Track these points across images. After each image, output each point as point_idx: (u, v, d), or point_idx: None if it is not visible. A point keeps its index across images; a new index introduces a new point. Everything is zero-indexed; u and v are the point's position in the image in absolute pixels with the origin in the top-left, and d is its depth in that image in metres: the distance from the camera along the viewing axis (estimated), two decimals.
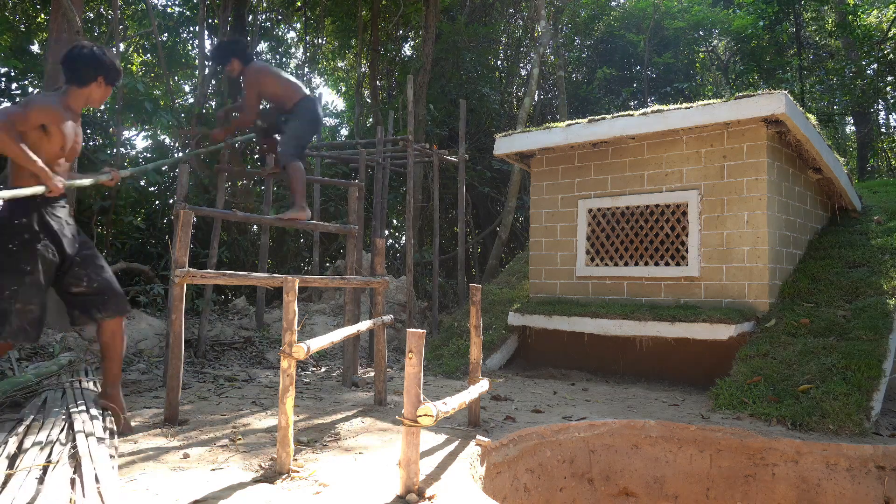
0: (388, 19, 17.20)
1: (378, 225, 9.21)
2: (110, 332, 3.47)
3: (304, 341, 2.81)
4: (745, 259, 5.61)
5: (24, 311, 3.19)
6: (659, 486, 3.95)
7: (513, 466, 3.53)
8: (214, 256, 6.32)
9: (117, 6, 9.38)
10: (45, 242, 3.27)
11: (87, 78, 3.44)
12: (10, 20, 11.51)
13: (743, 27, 14.18)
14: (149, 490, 2.50)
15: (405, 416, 2.48)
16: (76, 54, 3.43)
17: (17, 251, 3.19)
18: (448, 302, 11.91)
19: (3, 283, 3.16)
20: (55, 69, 6.17)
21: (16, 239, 3.19)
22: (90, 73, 3.44)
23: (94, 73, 3.44)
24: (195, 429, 3.57)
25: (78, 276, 3.38)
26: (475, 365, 3.66)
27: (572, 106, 15.19)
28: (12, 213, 3.22)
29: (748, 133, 5.67)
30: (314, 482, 2.69)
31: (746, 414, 4.27)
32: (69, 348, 5.91)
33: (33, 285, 3.22)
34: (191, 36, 13.95)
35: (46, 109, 3.29)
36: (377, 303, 4.60)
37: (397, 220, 15.48)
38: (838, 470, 3.68)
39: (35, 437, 2.81)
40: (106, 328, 3.46)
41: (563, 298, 6.65)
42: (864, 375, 4.34)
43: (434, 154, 9.07)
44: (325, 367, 6.69)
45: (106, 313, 3.43)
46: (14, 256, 3.18)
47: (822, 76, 14.82)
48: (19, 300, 3.17)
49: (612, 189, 6.44)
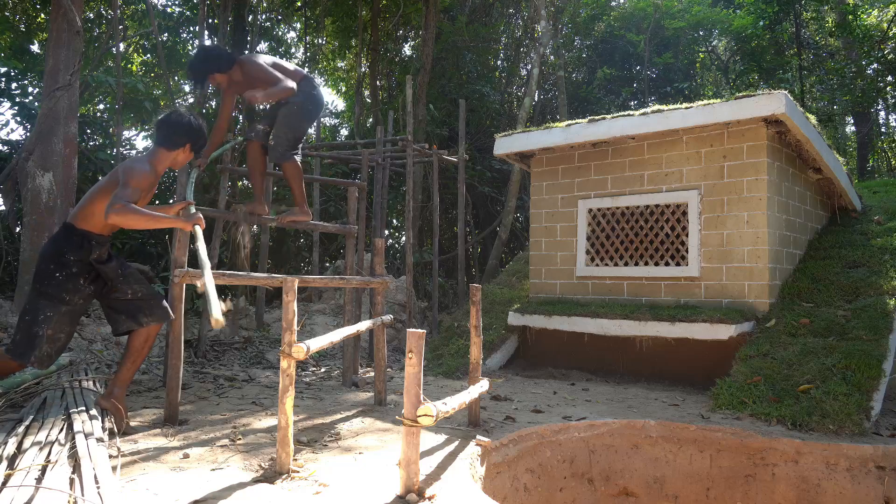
0: (388, 19, 17.20)
1: (378, 225, 9.21)
2: (144, 338, 3.60)
3: (304, 341, 2.81)
4: (745, 259, 5.61)
5: (53, 338, 3.34)
6: (659, 486, 3.94)
7: (513, 466, 3.53)
8: (215, 257, 6.32)
9: (117, 6, 9.38)
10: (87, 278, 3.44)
11: (178, 144, 3.62)
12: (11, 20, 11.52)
13: (743, 27, 14.18)
14: (149, 490, 2.50)
15: (405, 415, 2.48)
16: (173, 121, 3.62)
17: (62, 281, 3.35)
18: (448, 302, 11.91)
19: (42, 307, 3.31)
20: (54, 69, 6.18)
21: (64, 270, 3.36)
22: (181, 140, 3.63)
23: (185, 139, 3.63)
24: (195, 429, 3.56)
25: (124, 290, 3.56)
26: (475, 365, 3.66)
27: (572, 106, 15.19)
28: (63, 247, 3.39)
29: (748, 133, 5.66)
30: (314, 482, 2.69)
31: (746, 414, 4.27)
32: (69, 348, 5.91)
33: (67, 315, 3.39)
34: (191, 36, 13.96)
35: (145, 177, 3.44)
36: (376, 303, 4.60)
37: (397, 220, 15.47)
38: (838, 470, 3.67)
39: (34, 438, 2.81)
40: (141, 333, 3.59)
41: (563, 298, 6.65)
42: (864, 375, 4.34)
43: (434, 154, 9.07)
44: (325, 367, 6.69)
45: (152, 318, 3.59)
46: (58, 286, 3.34)
47: (822, 76, 14.83)
48: (52, 327, 3.32)
49: (612, 189, 6.44)
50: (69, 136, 6.26)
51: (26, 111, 8.58)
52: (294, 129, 4.58)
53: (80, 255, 3.39)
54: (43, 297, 3.32)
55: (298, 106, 4.56)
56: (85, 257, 3.41)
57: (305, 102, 4.60)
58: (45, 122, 6.14)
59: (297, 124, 4.58)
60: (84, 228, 3.42)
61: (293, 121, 4.55)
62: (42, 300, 3.31)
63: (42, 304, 3.31)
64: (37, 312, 3.30)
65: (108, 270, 3.52)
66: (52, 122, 6.14)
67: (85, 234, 3.41)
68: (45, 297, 3.32)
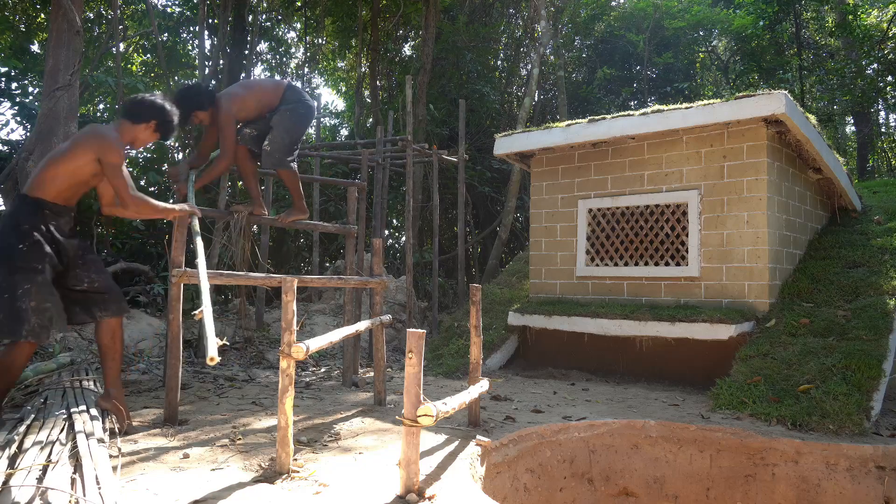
0: (388, 19, 17.20)
1: (378, 225, 9.21)
2: (110, 333, 3.54)
3: (304, 341, 2.81)
4: (745, 259, 5.61)
5: (39, 309, 3.24)
6: (659, 486, 3.95)
7: (513, 466, 3.53)
8: (215, 256, 6.32)
9: (117, 6, 9.38)
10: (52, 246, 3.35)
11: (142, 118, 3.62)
12: (11, 20, 11.52)
13: (743, 27, 14.18)
14: (149, 490, 2.50)
15: (405, 416, 2.48)
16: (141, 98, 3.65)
17: (27, 251, 3.26)
18: (448, 302, 11.91)
19: (17, 282, 3.21)
20: (54, 69, 6.18)
21: (26, 240, 3.26)
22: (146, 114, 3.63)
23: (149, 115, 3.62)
24: (195, 429, 3.57)
25: (80, 278, 3.49)
26: (475, 365, 3.66)
27: (572, 106, 15.19)
28: (18, 217, 3.32)
29: (748, 133, 5.66)
30: (314, 482, 2.69)
31: (746, 414, 4.27)
32: (69, 348, 5.91)
33: (45, 284, 3.28)
34: (191, 36, 13.98)
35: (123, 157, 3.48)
36: (375, 303, 4.60)
37: (397, 220, 15.48)
38: (838, 470, 3.67)
39: (35, 437, 2.81)
40: (105, 328, 3.53)
41: (563, 298, 6.65)
42: (864, 375, 4.34)
43: (434, 154, 9.07)
44: (324, 367, 6.69)
45: (106, 312, 3.52)
46: (25, 256, 3.25)
47: (822, 76, 14.83)
48: (34, 298, 3.22)
49: (612, 189, 6.44)
50: (69, 136, 6.25)
51: (26, 111, 8.58)
52: (289, 134, 4.61)
53: (34, 221, 3.31)
54: (14, 272, 3.22)
55: (290, 111, 4.61)
56: (39, 224, 3.31)
57: (297, 107, 4.65)
58: (46, 122, 6.14)
59: (291, 129, 4.63)
60: (37, 196, 3.34)
61: (287, 126, 4.59)
62: (15, 275, 3.22)
63: (16, 278, 3.22)
64: (14, 288, 3.20)
65: (68, 246, 3.44)
66: (52, 122, 6.13)
67: (37, 202, 3.34)
68: (17, 271, 3.23)
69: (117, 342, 3.57)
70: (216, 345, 2.69)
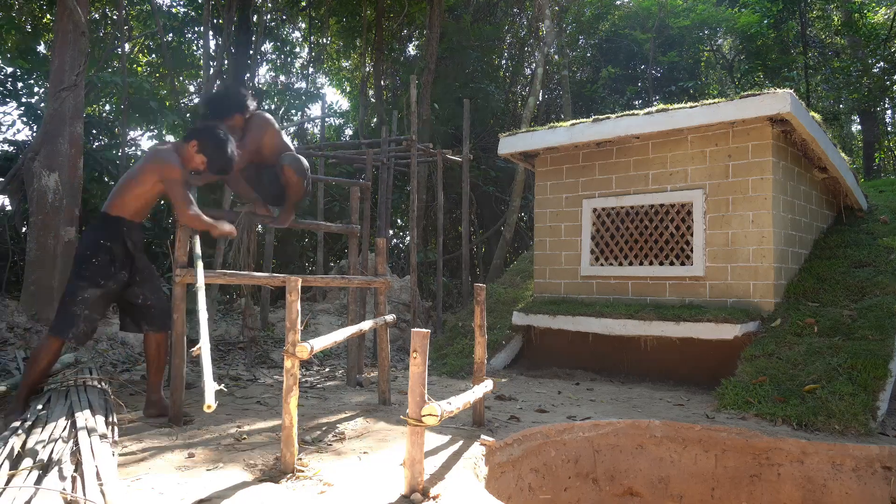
0: (392, 19, 17.20)
1: (382, 225, 9.21)
2: (156, 345, 3.94)
3: (308, 341, 2.81)
4: (751, 258, 5.59)
5: (90, 318, 3.68)
6: (664, 485, 3.94)
7: (517, 466, 3.53)
8: (220, 256, 6.33)
9: (122, 7, 9.41)
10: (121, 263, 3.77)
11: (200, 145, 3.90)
12: (17, 21, 11.57)
13: (748, 25, 14.12)
14: (154, 489, 2.51)
15: (410, 415, 2.48)
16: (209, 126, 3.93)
17: (98, 265, 3.68)
18: (452, 302, 11.91)
19: (80, 288, 3.64)
20: (60, 69, 6.20)
21: (101, 255, 3.69)
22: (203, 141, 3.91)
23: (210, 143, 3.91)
24: (200, 428, 3.58)
25: (136, 293, 3.89)
26: (479, 364, 3.66)
27: (576, 105, 15.17)
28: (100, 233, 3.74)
29: (753, 132, 5.64)
30: (318, 482, 2.69)
31: (752, 414, 4.26)
32: (74, 348, 5.93)
33: (102, 298, 3.74)
34: (196, 36, 13.99)
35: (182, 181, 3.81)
36: (379, 302, 4.60)
37: (402, 219, 15.49)
38: (844, 470, 3.66)
39: (38, 436, 2.82)
40: (151, 341, 3.93)
41: (568, 298, 6.64)
42: (870, 375, 4.32)
43: (438, 154, 9.07)
44: (329, 367, 6.70)
45: (153, 327, 3.92)
46: (95, 269, 3.67)
47: (828, 75, 14.77)
48: (89, 307, 3.67)
49: (617, 188, 6.43)
50: (75, 136, 6.28)
51: (32, 111, 8.61)
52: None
53: (114, 240, 3.72)
54: (82, 280, 3.64)
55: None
56: (119, 242, 3.73)
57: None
58: (51, 122, 6.17)
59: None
60: (116, 215, 3.74)
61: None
62: (81, 283, 3.64)
63: (81, 286, 3.63)
64: (75, 294, 3.63)
65: (138, 262, 3.85)
66: (57, 123, 6.16)
67: (118, 220, 3.74)
68: (84, 280, 3.64)
69: (162, 354, 3.94)
70: (213, 390, 2.69)
